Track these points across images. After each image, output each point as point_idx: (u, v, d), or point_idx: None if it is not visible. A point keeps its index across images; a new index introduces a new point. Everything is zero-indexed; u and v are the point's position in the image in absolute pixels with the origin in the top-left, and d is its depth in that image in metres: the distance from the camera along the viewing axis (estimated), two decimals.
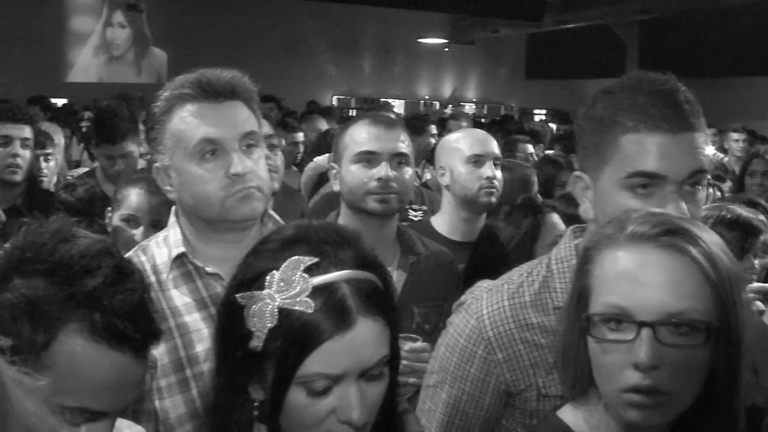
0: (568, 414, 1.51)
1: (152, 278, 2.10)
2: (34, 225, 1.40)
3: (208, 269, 2.12)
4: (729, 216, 3.04)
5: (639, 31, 19.75)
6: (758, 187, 5.35)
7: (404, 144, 2.81)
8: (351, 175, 2.79)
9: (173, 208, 2.23)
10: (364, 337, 1.33)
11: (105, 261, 1.32)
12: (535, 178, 4.23)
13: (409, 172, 2.83)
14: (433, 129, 6.76)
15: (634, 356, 1.35)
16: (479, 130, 3.84)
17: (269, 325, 1.31)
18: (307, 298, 1.31)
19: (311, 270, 1.33)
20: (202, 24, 17.71)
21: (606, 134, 1.73)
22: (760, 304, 2.75)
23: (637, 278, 1.38)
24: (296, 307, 1.31)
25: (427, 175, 6.10)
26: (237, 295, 1.36)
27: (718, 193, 4.76)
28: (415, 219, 4.04)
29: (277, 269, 1.34)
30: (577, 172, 1.86)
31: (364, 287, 1.36)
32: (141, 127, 3.93)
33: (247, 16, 17.86)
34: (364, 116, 2.99)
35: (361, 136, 2.81)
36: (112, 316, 1.28)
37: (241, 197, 2.06)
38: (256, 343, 1.33)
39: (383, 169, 2.75)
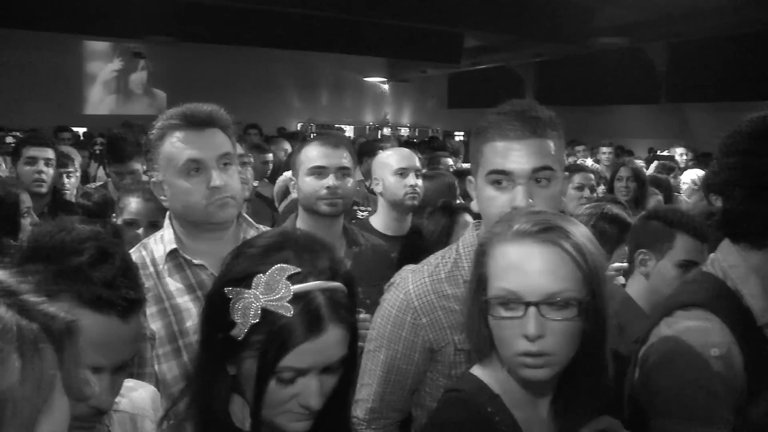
0: (478, 372, 1.52)
1: (151, 269, 2.11)
2: (44, 224, 1.40)
3: (195, 261, 2.12)
4: (610, 213, 3.09)
5: (535, 71, 19.96)
6: (624, 189, 5.43)
7: (347, 159, 2.81)
8: (306, 184, 2.79)
9: (168, 213, 2.22)
10: (332, 341, 1.29)
11: (90, 243, 1.31)
12: (456, 185, 4.24)
13: (350, 181, 2.83)
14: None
15: (524, 329, 1.37)
16: (405, 149, 3.83)
17: (252, 321, 1.26)
18: (287, 303, 1.25)
19: (293, 278, 1.27)
20: (195, 69, 17.56)
21: (477, 145, 1.81)
22: (621, 279, 2.81)
23: (523, 267, 1.39)
24: (278, 311, 1.25)
25: None
26: (226, 289, 1.29)
27: (595, 194, 4.85)
28: (362, 218, 4.04)
29: (264, 273, 1.27)
30: (469, 176, 1.90)
31: (336, 297, 1.31)
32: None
33: (230, 61, 17.74)
34: (315, 138, 2.99)
35: (312, 153, 2.81)
36: (96, 287, 1.27)
37: (220, 205, 2.07)
38: (238, 333, 1.27)
39: (331, 180, 2.75)
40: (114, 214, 3.20)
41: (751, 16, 11.48)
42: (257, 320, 1.26)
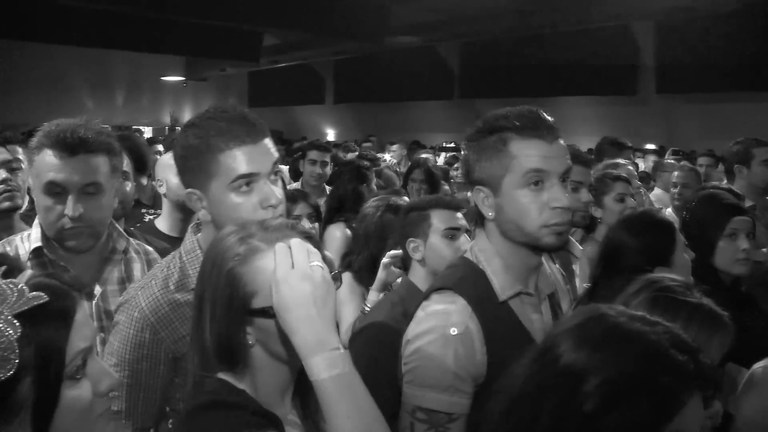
0: (219, 375, 1.46)
1: None
2: None
3: (61, 263, 2.11)
4: (395, 205, 3.32)
5: (334, 68, 20.32)
6: (417, 192, 5.47)
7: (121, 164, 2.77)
8: None
9: None
10: (84, 312, 1.17)
11: None
12: None
13: (128, 185, 2.80)
14: None
15: None
16: None
17: (17, 334, 1.05)
18: (32, 293, 1.08)
19: (6, 276, 1.11)
20: None
21: (205, 155, 1.75)
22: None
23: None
24: (33, 304, 1.07)
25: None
26: None
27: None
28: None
29: None
30: (189, 189, 1.81)
31: (59, 274, 1.20)
32: None
33: (14, 58, 16.62)
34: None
35: None
36: None
37: (73, 234, 2.07)
38: (7, 366, 1.05)
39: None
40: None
41: (534, 20, 12.43)
42: (19, 332, 1.06)
